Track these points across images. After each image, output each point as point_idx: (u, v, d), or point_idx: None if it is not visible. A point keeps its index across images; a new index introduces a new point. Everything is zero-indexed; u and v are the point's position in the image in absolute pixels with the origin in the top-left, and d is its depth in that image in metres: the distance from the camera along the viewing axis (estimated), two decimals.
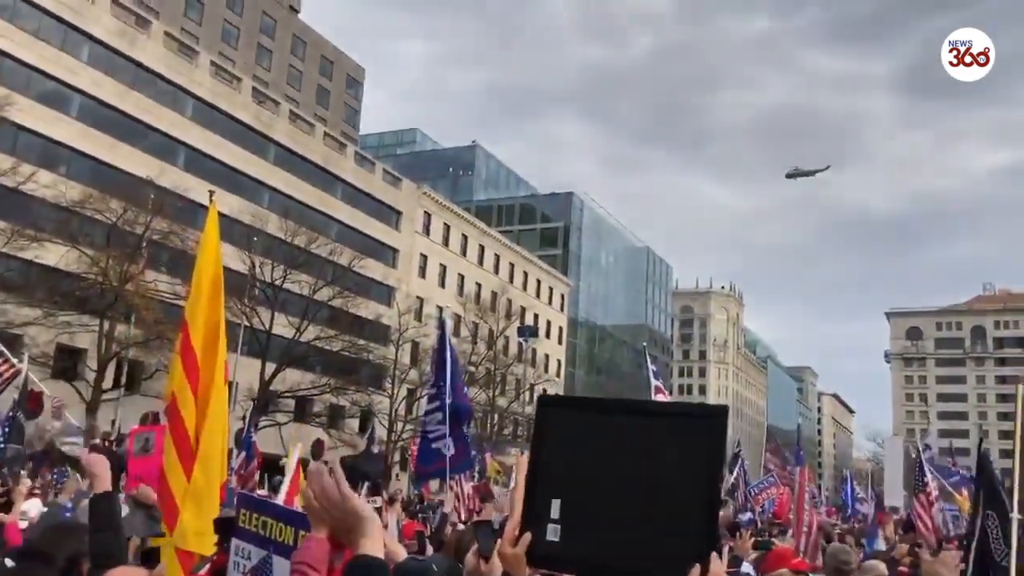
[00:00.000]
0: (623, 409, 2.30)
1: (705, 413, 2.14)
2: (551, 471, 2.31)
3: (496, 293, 67.70)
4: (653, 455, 2.11)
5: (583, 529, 2.15)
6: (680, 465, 2.07)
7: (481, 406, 59.05)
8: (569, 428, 2.29)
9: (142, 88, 46.26)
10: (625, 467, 2.14)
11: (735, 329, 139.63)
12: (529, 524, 2.23)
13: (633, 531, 2.07)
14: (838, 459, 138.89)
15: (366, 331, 51.89)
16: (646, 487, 2.09)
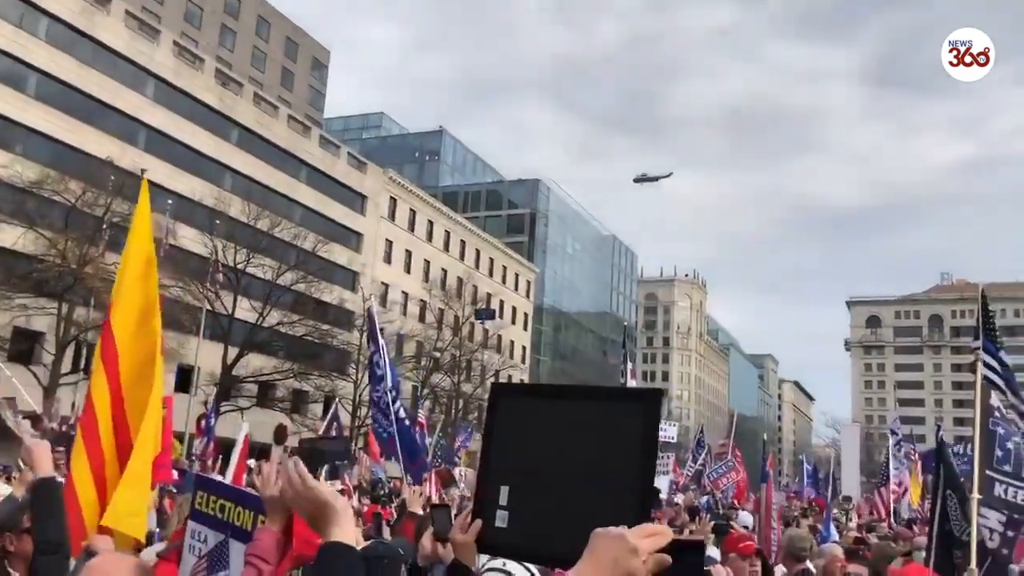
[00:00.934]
0: (564, 394, 2.32)
1: (639, 396, 2.15)
2: (500, 457, 2.32)
3: (462, 279, 67.59)
4: (590, 440, 2.11)
5: (527, 515, 2.16)
6: (615, 449, 2.07)
7: (446, 391, 59.09)
8: (517, 415, 2.31)
9: (102, 67, 45.40)
10: (565, 452, 2.15)
11: (698, 316, 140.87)
12: (480, 510, 2.23)
13: (572, 517, 2.07)
14: (798, 445, 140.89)
15: (330, 316, 51.57)
16: (584, 472, 2.09)
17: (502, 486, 2.25)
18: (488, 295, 71.15)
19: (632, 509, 1.96)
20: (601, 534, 1.66)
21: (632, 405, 2.11)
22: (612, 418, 2.10)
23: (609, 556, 1.60)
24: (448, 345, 59.89)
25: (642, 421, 2.08)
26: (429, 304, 63.86)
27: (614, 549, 1.61)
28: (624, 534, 1.63)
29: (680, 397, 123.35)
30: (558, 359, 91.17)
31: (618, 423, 2.09)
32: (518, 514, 2.17)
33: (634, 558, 1.60)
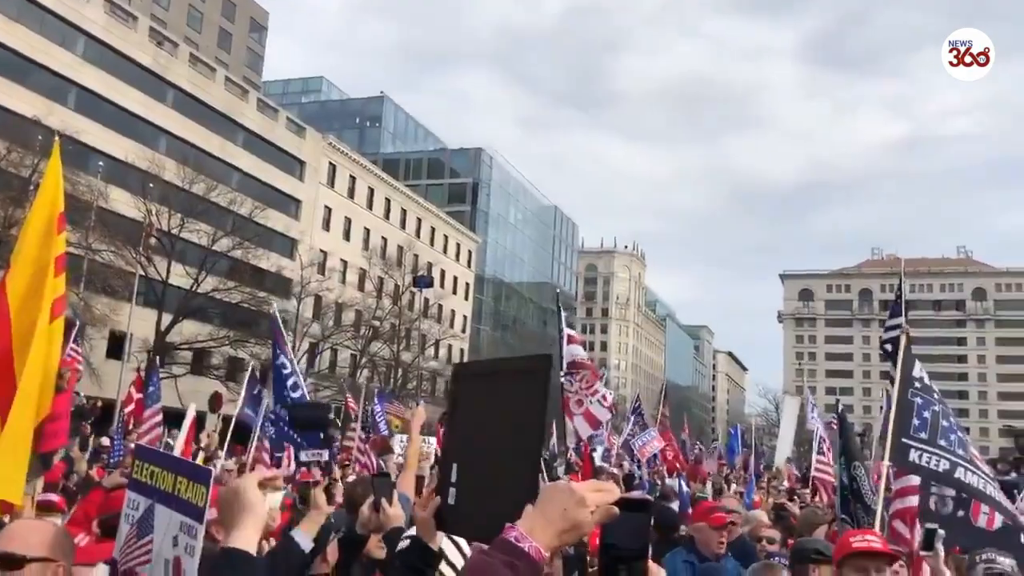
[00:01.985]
0: (484, 370, 2.40)
1: (530, 366, 2.20)
2: (450, 435, 2.41)
3: (402, 248, 67.20)
4: (499, 413, 2.17)
5: (463, 492, 2.23)
6: (517, 420, 2.13)
7: (385, 360, 58.91)
8: (462, 394, 2.37)
9: (30, 23, 43.70)
10: (485, 428, 2.21)
11: (637, 288, 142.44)
12: (439, 488, 2.30)
13: (486, 494, 2.14)
14: (731, 415, 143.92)
15: (267, 283, 50.86)
16: (497, 446, 2.15)
17: (453, 463, 2.31)
18: (429, 264, 70.93)
19: (526, 480, 2.02)
20: (551, 486, 1.72)
21: (525, 374, 2.16)
22: (513, 390, 2.16)
23: (558, 507, 1.66)
24: (388, 314, 59.63)
25: (533, 389, 2.14)
26: (369, 273, 63.38)
27: (563, 500, 1.66)
28: (573, 486, 1.68)
29: (618, 367, 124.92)
30: (499, 329, 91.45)
31: (517, 394, 2.14)
32: (460, 491, 2.24)
33: (582, 508, 1.65)
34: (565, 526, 1.65)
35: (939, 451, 7.53)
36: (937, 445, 7.61)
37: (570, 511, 1.65)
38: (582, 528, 1.66)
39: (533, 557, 1.61)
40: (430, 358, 65.45)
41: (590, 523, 1.66)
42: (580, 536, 1.68)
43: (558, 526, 1.65)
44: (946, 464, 7.45)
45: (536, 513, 1.67)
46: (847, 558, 3.96)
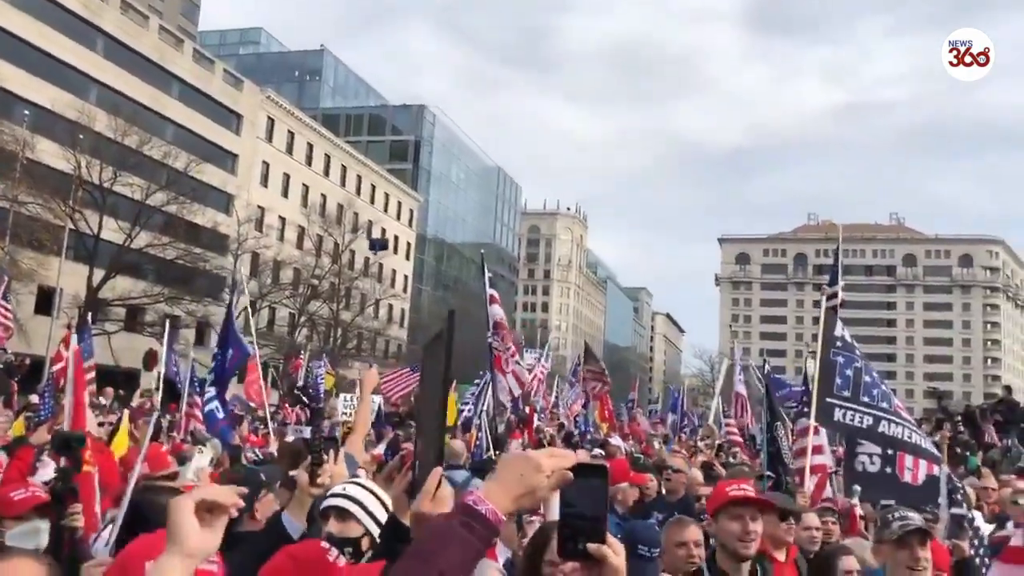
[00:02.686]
0: (429, 342, 2.46)
1: (439, 332, 2.26)
2: (418, 411, 2.50)
3: (342, 205, 66.30)
4: (425, 385, 2.25)
5: (419, 465, 2.34)
6: (428, 385, 2.21)
7: (324, 320, 58.41)
8: (424, 367, 2.42)
9: None
10: (423, 398, 2.35)
11: (578, 250, 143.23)
12: (412, 463, 2.43)
13: (420, 464, 2.20)
14: (667, 375, 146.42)
15: (203, 239, 49.81)
16: (424, 417, 2.25)
17: (418, 439, 2.36)
18: (369, 222, 70.20)
19: (433, 446, 2.09)
20: (508, 454, 1.86)
21: (436, 338, 2.23)
22: (432, 356, 2.22)
23: (515, 472, 1.75)
24: (327, 273, 59.03)
25: (438, 349, 2.20)
26: (307, 230, 62.51)
27: (519, 466, 1.75)
28: (529, 453, 1.77)
29: (559, 328, 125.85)
30: (440, 289, 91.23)
31: (433, 359, 2.20)
32: (419, 464, 2.35)
33: (538, 474, 1.73)
34: (521, 491, 1.73)
35: (862, 407, 7.81)
36: (860, 402, 7.89)
37: (526, 476, 1.73)
38: (537, 493, 1.74)
39: (489, 519, 1.69)
40: (370, 318, 65.11)
41: (546, 488, 1.74)
42: (537, 501, 1.77)
43: (514, 491, 1.74)
44: (869, 420, 7.72)
45: (494, 478, 1.76)
46: (724, 506, 4.02)
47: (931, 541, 4.31)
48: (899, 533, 4.19)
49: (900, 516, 4.37)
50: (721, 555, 4.05)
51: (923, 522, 4.28)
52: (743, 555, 3.94)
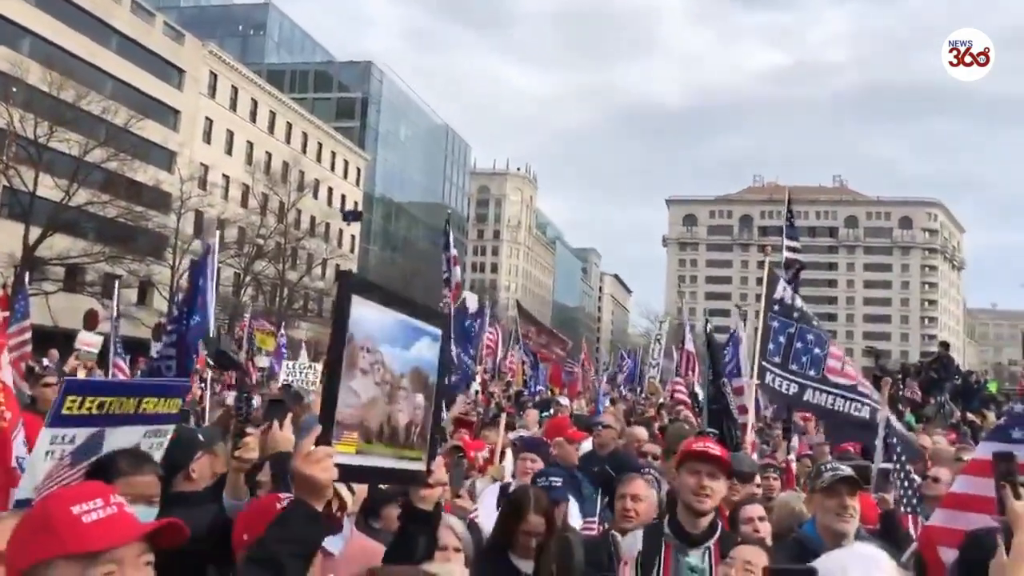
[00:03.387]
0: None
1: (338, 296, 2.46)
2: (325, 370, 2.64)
3: (288, 164, 65.22)
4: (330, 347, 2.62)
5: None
6: (332, 350, 2.54)
7: (270, 280, 57.71)
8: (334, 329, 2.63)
9: None
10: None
11: (528, 210, 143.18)
12: None
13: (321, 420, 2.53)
14: (615, 335, 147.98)
15: (144, 197, 48.66)
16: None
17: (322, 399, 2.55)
18: (316, 181, 69.25)
19: (325, 407, 2.42)
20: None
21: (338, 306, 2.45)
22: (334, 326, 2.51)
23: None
24: (272, 232, 58.22)
25: (335, 310, 2.45)
26: (252, 189, 61.43)
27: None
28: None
29: (508, 288, 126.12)
30: (388, 249, 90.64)
31: (336, 324, 2.51)
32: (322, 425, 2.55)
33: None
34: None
35: (789, 375, 8.05)
36: (788, 369, 8.12)
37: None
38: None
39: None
40: (317, 278, 64.49)
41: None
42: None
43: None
44: (795, 388, 7.98)
45: None
46: (686, 459, 4.11)
47: (860, 491, 4.45)
48: (829, 481, 4.33)
49: (831, 467, 4.53)
50: (680, 509, 4.11)
51: (853, 472, 4.44)
52: (697, 509, 3.99)
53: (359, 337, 2.45)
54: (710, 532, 4.02)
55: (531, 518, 4.00)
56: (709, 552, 3.96)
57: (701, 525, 4.00)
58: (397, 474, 2.74)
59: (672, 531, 4.03)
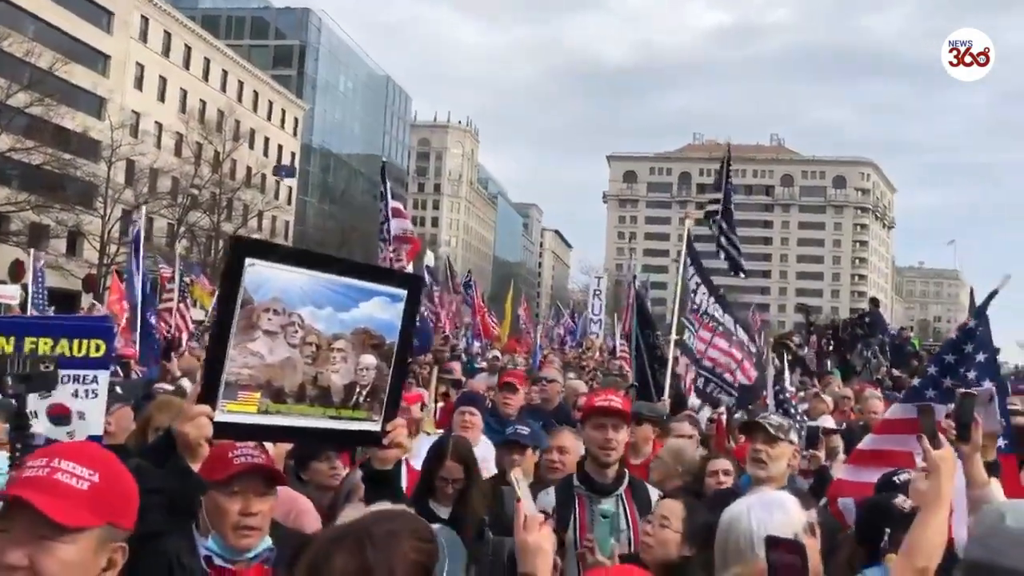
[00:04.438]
0: None
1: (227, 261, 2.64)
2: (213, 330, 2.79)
3: (223, 112, 63.56)
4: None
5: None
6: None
7: (205, 231, 56.57)
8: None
9: None
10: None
11: (469, 164, 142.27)
12: None
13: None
14: (555, 290, 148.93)
15: (72, 144, 47.10)
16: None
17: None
18: (252, 131, 67.71)
19: (209, 368, 2.59)
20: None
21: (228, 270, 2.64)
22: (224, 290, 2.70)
23: None
24: (207, 182, 56.93)
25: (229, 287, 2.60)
26: (186, 137, 59.83)
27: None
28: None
29: (449, 243, 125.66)
30: (326, 202, 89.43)
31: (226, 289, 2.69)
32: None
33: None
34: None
35: (701, 332, 8.35)
36: (701, 325, 8.43)
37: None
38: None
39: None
40: (253, 230, 63.37)
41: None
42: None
43: None
44: (702, 346, 8.29)
45: None
46: (591, 414, 4.22)
47: (781, 442, 4.57)
48: (742, 428, 4.54)
49: (762, 417, 4.70)
50: (589, 461, 4.23)
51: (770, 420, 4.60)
52: (604, 461, 4.13)
53: (261, 299, 2.47)
54: (619, 480, 4.17)
55: (448, 464, 4.08)
56: (621, 498, 4.11)
57: (609, 475, 4.15)
58: (335, 435, 2.76)
59: (582, 483, 4.16)
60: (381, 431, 2.79)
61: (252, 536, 2.67)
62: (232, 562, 2.68)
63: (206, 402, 2.45)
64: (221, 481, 2.67)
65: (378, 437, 2.79)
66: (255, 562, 2.71)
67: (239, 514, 2.64)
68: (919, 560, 2.66)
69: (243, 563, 2.69)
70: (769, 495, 2.97)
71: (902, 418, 4.53)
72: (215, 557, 2.67)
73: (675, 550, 3.51)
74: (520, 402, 7.69)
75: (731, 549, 2.69)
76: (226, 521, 2.65)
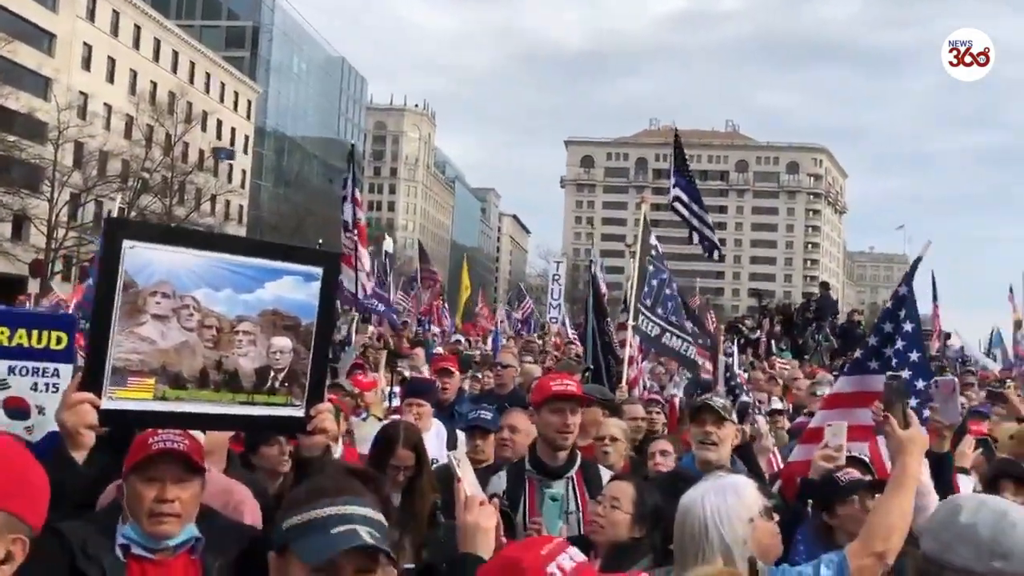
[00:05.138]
0: None
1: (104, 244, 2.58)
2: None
3: (174, 94, 62.35)
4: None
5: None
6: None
7: (157, 215, 55.59)
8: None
9: None
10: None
11: (426, 148, 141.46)
12: None
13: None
14: (513, 275, 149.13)
15: (17, 126, 45.93)
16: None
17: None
18: (204, 113, 66.55)
19: (94, 343, 2.56)
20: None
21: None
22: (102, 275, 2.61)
23: None
24: (159, 165, 55.87)
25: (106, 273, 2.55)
26: (136, 120, 58.60)
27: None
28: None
29: (405, 228, 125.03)
30: (281, 185, 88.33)
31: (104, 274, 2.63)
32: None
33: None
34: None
35: (656, 318, 8.45)
36: (655, 312, 8.53)
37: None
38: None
39: None
40: (206, 214, 62.42)
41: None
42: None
43: None
44: (657, 330, 8.41)
45: None
46: (548, 399, 4.21)
47: (726, 422, 4.60)
48: (692, 410, 4.64)
49: (701, 399, 4.74)
50: (541, 445, 4.24)
51: (718, 402, 4.63)
52: (560, 445, 4.15)
53: (146, 282, 2.41)
54: (570, 463, 4.19)
55: (399, 451, 4.07)
56: (572, 481, 4.13)
57: (560, 458, 4.18)
58: (250, 421, 2.65)
59: (533, 467, 4.19)
60: (305, 417, 2.68)
61: (168, 523, 2.58)
62: (153, 551, 2.59)
63: (90, 389, 2.37)
64: (137, 466, 2.59)
65: (302, 423, 2.68)
66: (180, 551, 2.62)
67: (153, 500, 2.56)
68: (876, 544, 2.62)
69: (166, 552, 2.60)
70: (725, 480, 2.98)
71: (848, 392, 4.58)
72: (133, 546, 2.57)
73: (625, 531, 3.53)
74: (457, 385, 7.74)
75: (687, 534, 2.72)
76: (141, 507, 2.57)
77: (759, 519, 2.69)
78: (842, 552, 2.64)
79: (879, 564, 2.60)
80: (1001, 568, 1.74)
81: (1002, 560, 1.75)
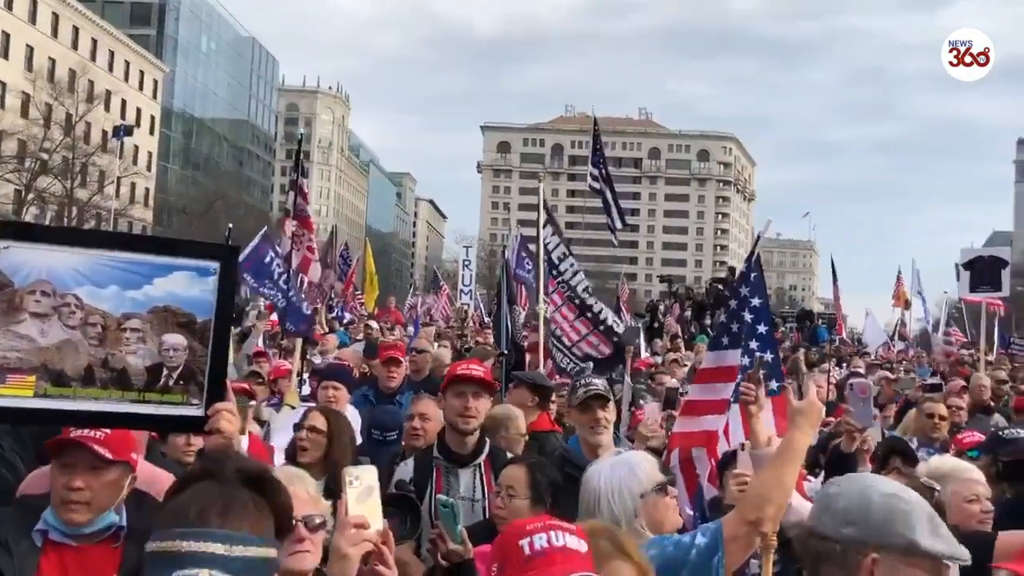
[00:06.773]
0: None
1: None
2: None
3: (75, 72, 59.92)
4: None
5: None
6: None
7: (57, 198, 53.54)
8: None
9: None
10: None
11: (340, 131, 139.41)
12: None
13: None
14: (429, 260, 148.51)
15: None
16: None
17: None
18: (107, 92, 64.14)
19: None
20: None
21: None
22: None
23: None
24: (58, 146, 53.69)
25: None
26: (34, 98, 56.14)
27: None
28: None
29: (319, 213, 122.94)
30: (189, 168, 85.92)
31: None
32: None
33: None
34: None
35: (560, 297, 8.69)
36: (551, 296, 8.76)
37: None
38: None
39: None
40: (110, 197, 60.35)
41: None
42: None
43: None
44: (559, 318, 8.65)
45: None
46: (451, 382, 4.25)
47: (610, 403, 4.75)
48: (583, 398, 4.63)
49: (584, 383, 4.82)
50: (448, 431, 4.26)
51: (604, 387, 4.78)
52: (462, 429, 4.16)
53: (23, 282, 2.39)
54: (478, 451, 4.19)
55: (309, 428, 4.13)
56: (479, 469, 4.15)
57: (468, 445, 4.17)
58: (144, 419, 2.59)
59: (441, 454, 4.19)
60: (204, 415, 2.59)
61: (76, 511, 2.61)
62: (73, 537, 2.62)
63: None
64: (54, 452, 2.70)
65: (200, 422, 2.59)
66: (103, 538, 2.65)
67: (63, 488, 2.61)
68: (749, 512, 2.66)
69: (87, 539, 2.64)
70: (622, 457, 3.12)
71: (712, 367, 4.81)
72: (51, 531, 2.62)
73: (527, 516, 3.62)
74: (403, 373, 7.76)
75: (583, 506, 2.87)
76: (55, 495, 2.64)
77: (652, 494, 2.84)
78: (719, 520, 2.72)
79: (753, 532, 2.65)
80: (849, 534, 1.92)
81: (850, 527, 1.92)
